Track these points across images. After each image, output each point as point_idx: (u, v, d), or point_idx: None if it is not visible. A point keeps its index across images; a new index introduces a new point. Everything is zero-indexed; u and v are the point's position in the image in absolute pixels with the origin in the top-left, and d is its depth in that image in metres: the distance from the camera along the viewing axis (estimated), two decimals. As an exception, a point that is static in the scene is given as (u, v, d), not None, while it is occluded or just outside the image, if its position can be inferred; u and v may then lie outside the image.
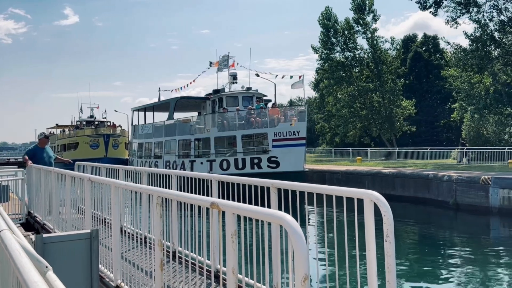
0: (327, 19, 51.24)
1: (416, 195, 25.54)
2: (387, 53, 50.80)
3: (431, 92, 59.75)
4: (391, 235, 3.60)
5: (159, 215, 4.17)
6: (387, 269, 3.63)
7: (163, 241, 4.26)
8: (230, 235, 2.99)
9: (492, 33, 33.79)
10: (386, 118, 49.96)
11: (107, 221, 6.02)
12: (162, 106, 36.17)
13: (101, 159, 40.73)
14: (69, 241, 4.29)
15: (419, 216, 23.40)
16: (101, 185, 6.55)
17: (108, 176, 10.50)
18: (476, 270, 13.24)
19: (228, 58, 34.63)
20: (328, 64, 51.37)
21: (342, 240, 3.98)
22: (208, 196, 6.02)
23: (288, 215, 2.58)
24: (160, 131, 34.00)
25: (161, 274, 4.21)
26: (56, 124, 69.72)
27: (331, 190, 4.13)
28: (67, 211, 7.90)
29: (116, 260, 5.33)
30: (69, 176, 7.73)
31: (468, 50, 34.56)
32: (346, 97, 51.66)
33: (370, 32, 49.56)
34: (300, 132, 25.92)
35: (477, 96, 35.46)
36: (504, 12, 33.42)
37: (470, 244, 17.08)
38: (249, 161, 26.67)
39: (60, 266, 4.09)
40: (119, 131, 56.31)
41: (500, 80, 35.49)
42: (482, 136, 44.20)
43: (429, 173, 25.42)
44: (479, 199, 21.47)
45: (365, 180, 28.84)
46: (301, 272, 2.32)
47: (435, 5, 34.34)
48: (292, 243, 2.40)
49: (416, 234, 19.39)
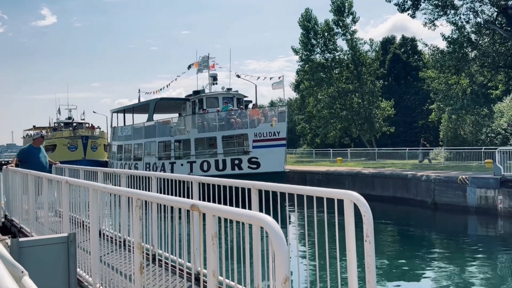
0: (307, 20, 51.50)
1: (395, 195, 25.81)
2: (366, 54, 51.27)
3: (410, 93, 60.51)
4: (370, 235, 3.62)
5: (138, 218, 4.13)
6: (367, 268, 3.66)
7: (142, 244, 4.21)
8: (211, 237, 2.97)
9: (469, 35, 34.38)
10: (366, 119, 50.43)
11: (86, 224, 5.93)
12: (142, 107, 35.88)
13: (79, 161, 40.18)
14: (46, 245, 4.21)
15: (399, 216, 23.66)
16: (79, 187, 6.45)
17: (86, 178, 10.36)
18: (455, 269, 13.43)
19: (208, 59, 34.50)
20: (309, 65, 51.62)
21: (323, 241, 3.99)
22: (189, 198, 5.98)
23: (269, 216, 2.57)
24: (139, 133, 33.71)
25: (140, 277, 4.16)
26: (34, 126, 68.56)
27: (312, 191, 4.14)
28: (44, 214, 7.77)
29: (95, 264, 5.25)
30: (46, 178, 7.60)
31: (445, 52, 35.10)
32: (326, 98, 51.98)
33: (349, 34, 49.96)
34: (281, 132, 25.91)
35: (454, 97, 36.01)
36: (481, 14, 34.04)
37: (448, 243, 17.33)
38: (230, 162, 26.60)
39: (37, 270, 4.01)
40: (98, 133, 55.63)
41: (477, 81, 36.13)
42: (460, 137, 44.89)
43: (407, 173, 25.72)
44: (457, 199, 21.80)
45: (346, 180, 29.05)
46: (281, 273, 2.32)
47: (413, 7, 34.78)
48: (273, 245, 2.39)
49: (396, 233, 19.59)
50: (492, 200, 20.22)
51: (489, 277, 12.69)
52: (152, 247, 6.15)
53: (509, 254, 15.52)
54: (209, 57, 34.54)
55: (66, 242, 4.33)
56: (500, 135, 40.74)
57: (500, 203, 19.84)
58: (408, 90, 60.52)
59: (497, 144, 37.10)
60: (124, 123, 39.16)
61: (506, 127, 40.92)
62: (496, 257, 15.06)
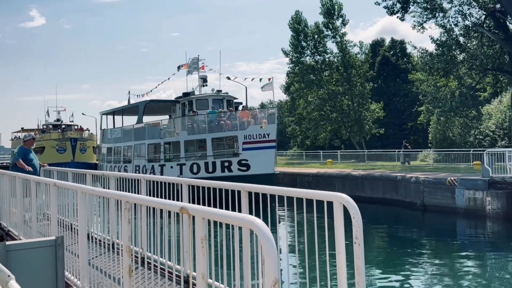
0: (297, 23, 51.65)
1: (384, 196, 25.93)
2: (356, 57, 51.52)
3: (399, 95, 60.88)
4: (360, 237, 3.63)
5: (127, 221, 4.10)
6: (356, 270, 3.66)
7: (131, 247, 4.18)
8: (200, 240, 2.96)
9: (457, 38, 34.69)
10: (356, 121, 50.65)
11: (74, 227, 5.88)
12: (132, 109, 35.71)
13: (68, 164, 39.88)
14: (33, 248, 4.17)
15: (388, 218, 23.76)
16: (67, 190, 6.39)
17: (75, 181, 10.28)
18: (444, 270, 13.51)
19: (197, 60, 34.43)
20: (299, 67, 51.77)
21: (312, 243, 3.99)
22: (179, 201, 5.95)
23: (258, 219, 2.56)
24: (129, 135, 33.52)
25: (129, 280, 4.13)
26: (22, 128, 67.93)
27: (302, 193, 4.14)
28: (32, 217, 7.69)
29: (83, 267, 5.21)
30: (34, 181, 7.53)
31: (434, 55, 35.37)
32: (316, 100, 52.15)
33: (339, 36, 50.17)
34: (270, 134, 25.84)
35: (443, 99, 36.29)
36: (469, 17, 34.38)
37: (437, 244, 17.43)
38: (220, 165, 26.52)
39: (24, 274, 3.97)
40: (86, 135, 55.25)
41: (465, 83, 36.44)
42: (448, 138, 45.21)
43: (397, 175, 25.85)
44: (446, 200, 21.94)
45: (335, 182, 29.13)
46: (271, 276, 2.31)
47: (402, 10, 35.01)
48: (262, 248, 2.39)
49: (385, 235, 19.67)
50: (480, 201, 20.37)
51: (477, 278, 12.78)
52: (141, 250, 6.12)
53: (498, 255, 15.64)
54: (198, 59, 34.48)
55: (54, 245, 4.28)
56: (488, 137, 41.10)
57: (489, 205, 19.99)
58: (398, 92, 60.89)
59: (485, 146, 37.41)
60: (114, 125, 38.96)
61: (494, 129, 41.31)
62: (484, 259, 15.18)
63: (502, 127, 40.95)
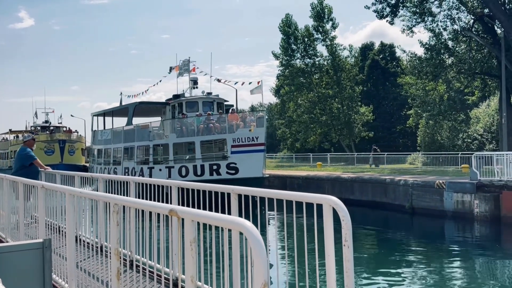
0: (288, 26, 51.84)
1: (374, 199, 26.04)
2: (346, 60, 51.80)
3: (388, 98, 61.29)
4: (349, 240, 3.64)
5: (115, 223, 4.07)
6: (346, 273, 3.67)
7: (120, 250, 4.16)
8: (189, 243, 2.94)
9: (446, 42, 35.03)
10: (345, 124, 50.89)
11: (62, 230, 5.83)
12: (122, 111, 35.49)
13: (56, 166, 39.55)
14: (20, 251, 4.12)
15: (377, 220, 23.86)
16: (55, 192, 6.34)
17: (63, 183, 10.19)
18: (432, 272, 13.60)
19: (188, 62, 34.26)
20: (289, 70, 51.94)
21: (302, 246, 3.99)
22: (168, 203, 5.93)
23: (248, 221, 2.56)
24: (119, 137, 33.32)
25: (117, 284, 4.10)
26: (10, 129, 67.32)
27: (291, 195, 4.14)
28: (20, 219, 7.61)
29: (71, 270, 5.16)
30: (21, 183, 7.46)
31: (423, 58, 35.70)
32: (306, 103, 52.32)
33: (329, 39, 50.44)
34: (259, 138, 25.69)
35: (431, 103, 36.61)
36: (457, 22, 34.75)
37: (425, 247, 17.53)
38: (208, 168, 26.34)
39: (11, 277, 3.92)
40: (75, 137, 54.89)
41: (454, 87, 36.80)
42: (437, 142, 45.59)
43: (386, 178, 25.98)
44: (434, 203, 22.09)
45: (325, 185, 29.21)
46: (260, 279, 2.31)
47: (391, 14, 35.28)
48: (252, 250, 2.38)
49: (374, 238, 19.75)
50: (468, 204, 20.53)
51: (465, 280, 12.88)
52: (130, 253, 6.08)
53: (485, 257, 15.78)
54: (189, 61, 34.32)
55: (41, 248, 4.24)
56: (477, 141, 41.50)
57: (477, 208, 20.16)
58: (387, 95, 61.31)
59: (474, 149, 37.79)
60: (104, 126, 38.69)
61: (482, 132, 41.72)
62: (472, 261, 15.30)
63: (490, 130, 41.38)
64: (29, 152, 11.01)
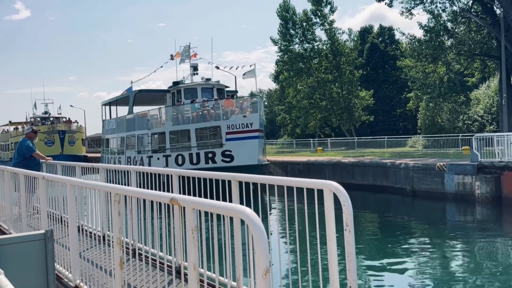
0: (286, 10, 51.41)
1: (375, 183, 26.08)
2: (345, 44, 51.48)
3: (388, 82, 61.07)
4: (350, 224, 3.65)
5: (117, 213, 4.08)
6: (348, 257, 3.68)
7: (122, 239, 4.17)
8: (191, 231, 2.95)
9: (445, 24, 34.76)
10: (345, 108, 50.77)
11: (64, 220, 5.86)
12: (123, 100, 35.26)
13: (57, 156, 39.60)
14: (22, 242, 4.14)
15: (378, 204, 23.94)
16: (56, 183, 6.35)
17: (64, 173, 10.22)
18: (434, 255, 13.67)
19: (189, 48, 33.78)
20: (288, 56, 51.63)
21: (303, 231, 4.01)
22: (169, 192, 5.94)
23: (249, 208, 2.56)
24: (122, 126, 33.22)
25: (121, 272, 4.13)
26: (10, 121, 67.35)
27: (292, 181, 4.14)
28: (22, 210, 7.64)
29: (75, 260, 5.19)
30: (22, 174, 7.48)
31: (422, 41, 35.46)
32: (306, 88, 52.15)
33: (327, 23, 50.06)
34: (253, 124, 24.69)
35: (431, 85, 36.46)
36: (456, 3, 34.46)
37: (427, 230, 17.61)
38: (204, 156, 25.67)
39: (14, 269, 3.95)
40: (75, 127, 54.90)
41: (453, 69, 36.63)
42: (437, 124, 45.58)
43: (386, 162, 25.99)
44: (435, 185, 22.13)
45: (326, 170, 29.24)
46: (262, 265, 2.32)
47: (390, -4, 34.99)
48: (253, 237, 2.39)
49: (376, 222, 19.83)
50: (469, 186, 20.58)
51: (467, 261, 12.96)
52: (133, 242, 6.11)
53: (487, 239, 15.85)
54: (190, 47, 33.87)
55: (44, 239, 4.26)
56: (477, 122, 41.49)
57: (478, 189, 20.21)
58: (387, 79, 61.09)
59: (474, 131, 37.81)
60: (110, 115, 38.37)
61: (482, 114, 41.68)
62: (473, 242, 15.37)
63: (490, 112, 41.36)
64: (29, 144, 11.07)
